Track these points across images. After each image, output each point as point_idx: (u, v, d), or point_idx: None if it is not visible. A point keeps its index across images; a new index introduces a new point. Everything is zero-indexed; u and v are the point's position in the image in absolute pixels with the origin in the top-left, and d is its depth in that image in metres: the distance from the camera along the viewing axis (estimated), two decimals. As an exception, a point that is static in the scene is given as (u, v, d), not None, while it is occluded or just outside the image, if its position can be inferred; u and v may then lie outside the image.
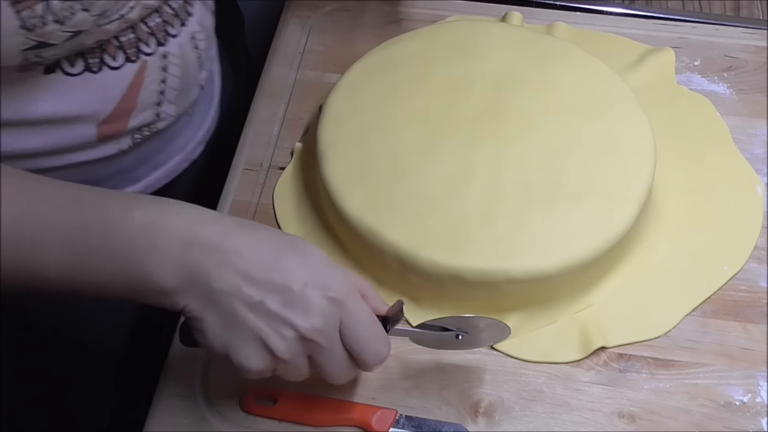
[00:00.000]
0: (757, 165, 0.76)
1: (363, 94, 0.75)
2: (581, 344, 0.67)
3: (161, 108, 0.74)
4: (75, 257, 0.56)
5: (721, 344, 0.68)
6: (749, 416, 0.64)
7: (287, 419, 0.65)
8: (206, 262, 0.55)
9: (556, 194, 0.68)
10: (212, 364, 0.68)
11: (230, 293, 0.54)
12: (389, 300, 0.70)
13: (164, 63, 0.72)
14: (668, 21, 0.88)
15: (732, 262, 0.71)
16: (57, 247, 0.56)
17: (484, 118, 0.73)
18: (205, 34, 0.78)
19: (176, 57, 0.73)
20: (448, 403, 0.66)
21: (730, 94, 0.82)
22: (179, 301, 0.55)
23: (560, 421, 0.65)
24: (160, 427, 0.66)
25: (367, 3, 0.90)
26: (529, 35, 0.79)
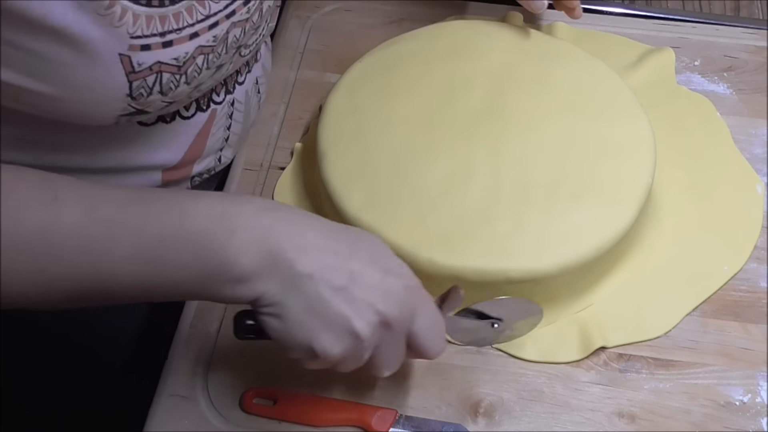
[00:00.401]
0: (757, 165, 0.76)
1: (363, 94, 0.75)
2: (581, 344, 0.67)
3: (222, 153, 0.75)
4: (148, 251, 0.53)
5: (721, 344, 0.68)
6: (749, 416, 0.64)
7: (287, 419, 0.65)
8: (287, 247, 0.53)
9: (556, 194, 0.68)
10: (212, 365, 0.68)
11: (314, 277, 0.53)
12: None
13: (231, 110, 0.73)
14: (668, 21, 0.88)
15: (732, 262, 0.71)
16: (128, 243, 0.53)
17: (484, 118, 0.73)
18: (265, 77, 0.79)
19: (241, 103, 0.74)
20: (448, 403, 0.66)
21: (730, 94, 0.82)
22: (258, 287, 0.53)
23: (560, 421, 0.65)
24: (160, 427, 0.66)
25: (367, 3, 0.90)
26: (529, 35, 0.79)
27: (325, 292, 0.53)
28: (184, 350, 0.69)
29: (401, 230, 0.67)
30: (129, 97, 0.59)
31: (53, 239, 0.52)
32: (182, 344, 0.69)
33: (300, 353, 0.55)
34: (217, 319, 0.70)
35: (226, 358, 0.69)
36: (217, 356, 0.69)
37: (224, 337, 0.69)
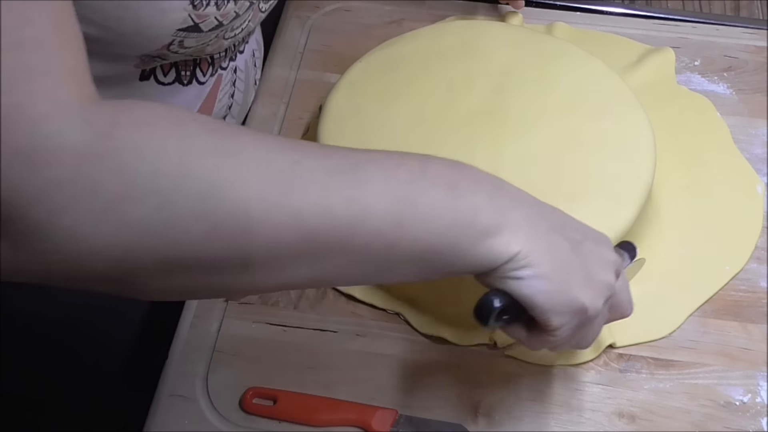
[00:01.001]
0: (757, 165, 0.76)
1: (363, 94, 0.75)
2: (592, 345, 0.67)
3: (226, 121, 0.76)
4: (398, 184, 0.47)
5: (721, 344, 0.68)
6: (749, 416, 0.64)
7: (287, 419, 0.65)
8: (523, 206, 0.51)
9: (556, 194, 0.68)
10: (212, 365, 0.68)
11: (559, 232, 0.51)
12: (389, 302, 0.70)
13: (234, 77, 0.74)
14: (668, 21, 0.88)
15: (733, 261, 0.71)
16: (379, 177, 0.47)
17: (484, 118, 0.73)
18: (259, 51, 0.80)
19: (243, 72, 0.75)
20: (448, 403, 0.66)
21: (730, 94, 0.82)
22: (514, 242, 0.48)
23: (560, 421, 0.65)
24: (160, 427, 0.66)
25: (367, 3, 0.90)
26: (529, 35, 0.79)
27: (571, 249, 0.51)
28: (184, 350, 0.69)
29: (401, 230, 0.67)
30: (191, 4, 0.58)
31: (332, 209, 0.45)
32: (182, 344, 0.69)
33: (566, 315, 0.51)
34: (217, 319, 0.70)
35: (226, 358, 0.69)
36: (217, 356, 0.69)
37: (224, 337, 0.70)
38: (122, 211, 0.40)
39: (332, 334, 0.70)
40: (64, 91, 0.41)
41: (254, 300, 0.71)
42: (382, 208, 0.46)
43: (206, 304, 0.71)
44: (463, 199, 0.48)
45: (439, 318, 0.69)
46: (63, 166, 0.39)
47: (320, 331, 0.70)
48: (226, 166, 0.43)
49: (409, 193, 0.47)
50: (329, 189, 0.45)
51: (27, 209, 0.39)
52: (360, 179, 0.46)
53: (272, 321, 0.70)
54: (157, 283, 0.44)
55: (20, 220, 0.40)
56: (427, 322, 0.69)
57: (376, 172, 0.47)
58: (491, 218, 0.48)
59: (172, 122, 0.43)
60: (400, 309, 0.70)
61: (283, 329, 0.70)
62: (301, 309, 0.71)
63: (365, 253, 0.47)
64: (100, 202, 0.40)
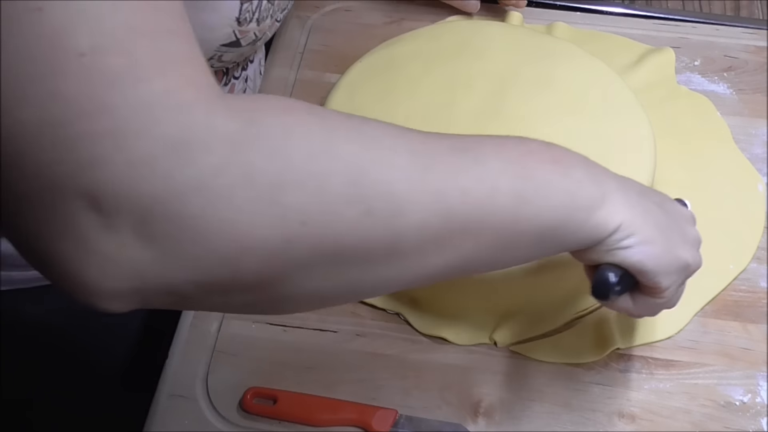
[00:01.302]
0: (758, 165, 0.76)
1: (363, 94, 0.75)
2: (598, 345, 0.67)
3: None
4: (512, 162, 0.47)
5: (721, 344, 0.68)
6: (749, 416, 0.64)
7: (287, 419, 0.65)
8: (612, 176, 0.52)
9: (556, 194, 0.68)
10: (212, 365, 0.68)
11: (644, 196, 0.53)
12: (389, 302, 0.70)
13: (245, 86, 0.74)
14: (668, 21, 0.88)
15: (737, 260, 0.71)
16: (494, 156, 0.47)
17: (484, 118, 0.73)
18: (264, 59, 0.82)
19: (252, 81, 0.76)
20: (448, 403, 0.66)
21: (730, 94, 0.82)
22: (619, 211, 0.50)
23: (560, 421, 0.65)
24: (160, 427, 0.66)
25: (367, 3, 0.90)
26: (529, 35, 0.79)
27: (661, 211, 0.53)
28: (184, 350, 0.69)
29: (401, 230, 0.67)
30: (236, 21, 0.58)
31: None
32: (182, 344, 0.69)
33: (673, 274, 0.53)
34: (217, 319, 0.70)
35: (226, 358, 0.69)
36: (217, 356, 0.69)
37: (224, 337, 0.70)
38: (281, 197, 0.38)
39: (332, 334, 0.70)
40: (202, 78, 0.38)
41: (254, 300, 0.71)
42: (506, 185, 0.46)
43: (206, 304, 0.71)
44: (568, 173, 0.49)
45: (439, 318, 0.69)
46: (216, 154, 0.37)
47: (320, 331, 0.70)
48: (369, 148, 0.42)
49: (523, 169, 0.47)
50: (458, 168, 0.45)
51: (180, 204, 0.36)
52: (479, 158, 0.46)
53: (272, 321, 0.70)
54: (306, 283, 0.41)
55: (172, 219, 0.36)
56: (427, 322, 0.69)
57: (489, 151, 0.47)
58: (595, 191, 0.49)
59: (306, 108, 0.42)
60: (400, 309, 0.70)
61: (283, 329, 0.70)
62: (301, 309, 0.71)
63: (495, 233, 0.46)
64: (258, 189, 0.37)
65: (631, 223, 0.50)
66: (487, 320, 0.69)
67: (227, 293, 0.40)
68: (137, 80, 0.36)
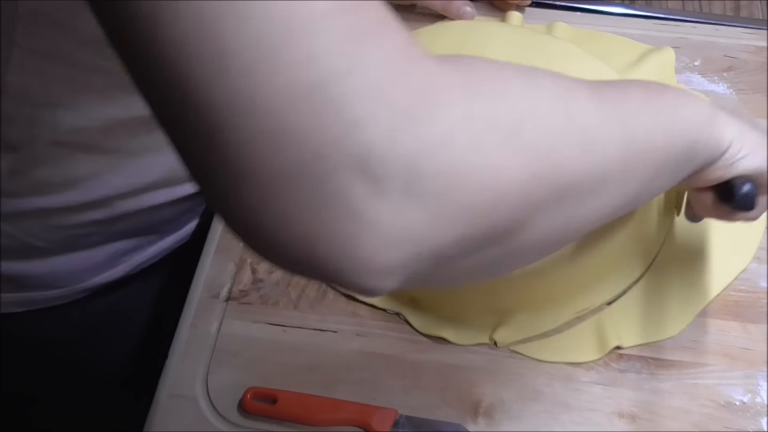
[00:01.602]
0: (757, 165, 0.76)
1: (363, 94, 0.75)
2: (598, 344, 0.67)
3: None
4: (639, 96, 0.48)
5: (721, 344, 0.68)
6: (749, 416, 0.64)
7: (287, 419, 0.65)
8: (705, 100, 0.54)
9: (556, 194, 0.68)
10: (212, 365, 0.68)
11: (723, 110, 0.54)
12: (389, 302, 0.70)
13: None
14: (668, 21, 0.88)
15: (738, 259, 0.71)
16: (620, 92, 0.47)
17: (484, 118, 0.73)
18: None
19: None
20: (448, 403, 0.66)
21: (730, 94, 0.82)
22: (726, 128, 0.52)
23: (560, 421, 0.65)
24: (160, 427, 0.66)
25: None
26: (529, 35, 0.79)
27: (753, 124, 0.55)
28: (184, 350, 0.69)
29: (401, 230, 0.67)
30: None
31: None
32: (182, 344, 0.69)
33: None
34: (217, 319, 0.70)
35: (226, 358, 0.69)
36: (217, 356, 0.69)
37: (224, 337, 0.70)
38: (523, 135, 0.38)
39: (332, 334, 0.70)
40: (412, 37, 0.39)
41: (254, 300, 0.71)
42: (644, 118, 0.46)
43: (206, 304, 0.71)
44: (680, 98, 0.50)
45: (439, 318, 0.69)
46: (458, 104, 0.37)
47: (320, 331, 0.70)
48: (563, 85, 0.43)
49: (650, 102, 0.48)
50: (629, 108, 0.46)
51: (441, 157, 0.35)
52: (615, 97, 0.46)
53: (272, 321, 0.70)
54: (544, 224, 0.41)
55: (438, 174, 0.35)
56: (427, 322, 0.69)
57: (615, 88, 0.47)
58: (705, 111, 0.51)
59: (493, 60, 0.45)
60: (400, 309, 0.70)
61: (283, 329, 0.70)
62: (301, 309, 0.71)
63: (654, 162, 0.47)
64: (502, 131, 0.37)
65: (741, 134, 0.53)
66: (487, 320, 0.69)
67: (483, 248, 0.39)
68: (376, 37, 0.36)
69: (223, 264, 0.73)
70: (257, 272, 0.73)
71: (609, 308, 0.69)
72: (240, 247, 0.74)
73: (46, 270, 0.76)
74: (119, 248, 0.79)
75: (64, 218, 0.72)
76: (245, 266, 0.73)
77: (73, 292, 0.79)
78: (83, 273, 0.79)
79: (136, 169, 0.71)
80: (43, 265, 0.76)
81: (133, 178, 0.72)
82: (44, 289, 0.78)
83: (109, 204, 0.72)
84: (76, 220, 0.72)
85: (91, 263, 0.78)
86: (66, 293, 0.79)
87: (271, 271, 0.73)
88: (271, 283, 0.72)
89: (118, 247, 0.79)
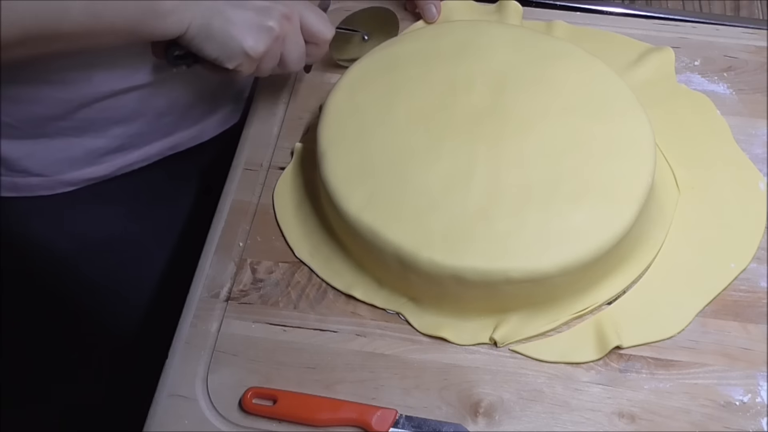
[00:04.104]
0: (758, 165, 0.76)
1: (363, 94, 0.75)
2: (598, 344, 0.67)
3: None
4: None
5: (721, 344, 0.68)
6: (749, 416, 0.64)
7: (287, 419, 0.66)
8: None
9: (556, 194, 0.68)
10: (212, 365, 0.68)
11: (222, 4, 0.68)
12: (389, 302, 0.71)
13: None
14: (668, 21, 0.88)
15: (738, 258, 0.71)
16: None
17: (484, 118, 0.73)
18: None
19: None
20: (448, 403, 0.66)
21: (730, 94, 0.82)
22: (185, 18, 0.66)
23: (560, 421, 0.65)
24: (160, 427, 0.66)
25: (367, 3, 0.89)
26: (529, 35, 0.79)
27: (236, 8, 0.68)
28: (184, 350, 0.69)
29: (401, 230, 0.67)
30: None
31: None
32: (182, 344, 0.69)
33: (236, 59, 0.69)
34: (217, 319, 0.70)
35: (226, 358, 0.69)
36: (217, 356, 0.69)
37: (224, 337, 0.70)
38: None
39: (332, 334, 0.70)
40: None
41: (254, 300, 0.71)
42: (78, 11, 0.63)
43: (206, 304, 0.71)
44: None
45: (439, 318, 0.69)
46: None
47: (320, 331, 0.70)
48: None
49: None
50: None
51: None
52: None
53: (272, 321, 0.70)
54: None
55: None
56: (427, 322, 0.69)
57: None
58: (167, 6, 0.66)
59: None
60: (400, 309, 0.70)
61: (283, 329, 0.70)
62: (301, 309, 0.71)
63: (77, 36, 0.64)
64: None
65: (197, 27, 0.67)
66: (487, 320, 0.69)
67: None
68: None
69: (223, 264, 0.73)
70: (257, 272, 0.73)
71: (609, 308, 0.70)
72: (240, 247, 0.74)
73: (23, 153, 0.79)
74: (97, 146, 0.81)
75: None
76: (245, 266, 0.73)
77: (54, 184, 0.82)
78: (60, 164, 0.81)
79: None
80: (21, 148, 0.79)
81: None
82: (25, 174, 0.80)
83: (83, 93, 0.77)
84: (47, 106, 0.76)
85: (68, 155, 0.80)
86: (48, 183, 0.81)
87: (271, 271, 0.73)
88: (271, 283, 0.72)
89: (96, 144, 0.81)
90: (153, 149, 0.84)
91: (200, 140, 0.87)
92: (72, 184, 0.82)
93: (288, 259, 0.74)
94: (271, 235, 0.75)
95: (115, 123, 0.79)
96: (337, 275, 0.72)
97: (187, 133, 0.86)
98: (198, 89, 0.83)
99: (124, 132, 0.81)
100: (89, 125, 0.78)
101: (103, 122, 0.79)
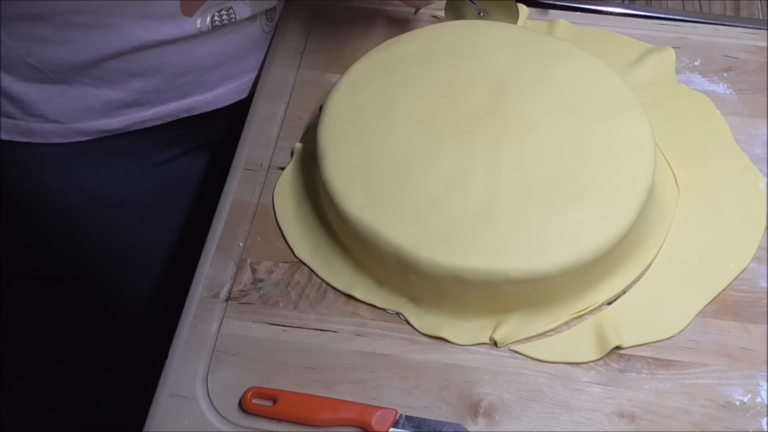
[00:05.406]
0: (758, 165, 0.76)
1: (363, 94, 0.75)
2: (598, 344, 0.67)
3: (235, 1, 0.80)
4: None
5: (721, 344, 0.68)
6: (749, 416, 0.64)
7: (287, 419, 0.66)
8: None
9: (556, 194, 0.68)
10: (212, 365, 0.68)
11: None
12: (389, 302, 0.71)
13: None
14: (668, 21, 0.88)
15: (738, 258, 0.71)
16: None
17: (485, 118, 0.73)
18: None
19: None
20: (448, 403, 0.66)
21: (730, 94, 0.82)
22: None
23: (560, 421, 0.65)
24: (160, 427, 0.66)
25: (366, 3, 0.90)
26: (529, 35, 0.79)
27: None
28: (184, 350, 0.69)
29: (401, 230, 0.67)
30: None
31: None
32: (182, 344, 0.69)
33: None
34: (217, 319, 0.70)
35: (226, 358, 0.69)
36: (217, 356, 0.69)
37: (224, 337, 0.70)
38: None
39: (332, 334, 0.70)
40: None
41: (254, 300, 0.71)
42: None
43: (206, 304, 0.71)
44: None
45: (439, 318, 0.69)
46: None
47: (320, 331, 0.70)
48: None
49: None
50: None
51: None
52: None
53: (272, 321, 0.70)
54: None
55: None
56: (427, 322, 0.69)
57: None
58: None
59: None
60: (400, 309, 0.70)
61: (283, 329, 0.70)
62: (301, 309, 0.71)
63: None
64: None
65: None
66: (487, 320, 0.69)
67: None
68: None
69: (223, 264, 0.73)
70: (257, 272, 0.73)
71: (609, 308, 0.70)
72: (240, 247, 0.74)
73: (41, 97, 0.79)
74: (113, 98, 0.82)
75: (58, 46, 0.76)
76: (245, 266, 0.73)
77: (69, 132, 0.82)
78: (76, 112, 0.81)
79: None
80: (40, 92, 0.79)
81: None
82: (41, 120, 0.81)
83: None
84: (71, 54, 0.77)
85: (85, 104, 0.81)
86: (62, 130, 0.82)
87: (271, 271, 0.73)
88: (271, 283, 0.72)
89: (113, 96, 0.81)
90: (168, 109, 0.85)
91: (215, 106, 0.88)
92: (86, 134, 0.83)
93: (288, 259, 0.74)
94: (271, 235, 0.75)
95: (132, 76, 0.80)
96: (337, 275, 0.72)
97: (203, 98, 0.86)
98: (217, 54, 0.83)
99: (142, 87, 0.81)
100: (109, 75, 0.79)
101: (121, 74, 0.79)
